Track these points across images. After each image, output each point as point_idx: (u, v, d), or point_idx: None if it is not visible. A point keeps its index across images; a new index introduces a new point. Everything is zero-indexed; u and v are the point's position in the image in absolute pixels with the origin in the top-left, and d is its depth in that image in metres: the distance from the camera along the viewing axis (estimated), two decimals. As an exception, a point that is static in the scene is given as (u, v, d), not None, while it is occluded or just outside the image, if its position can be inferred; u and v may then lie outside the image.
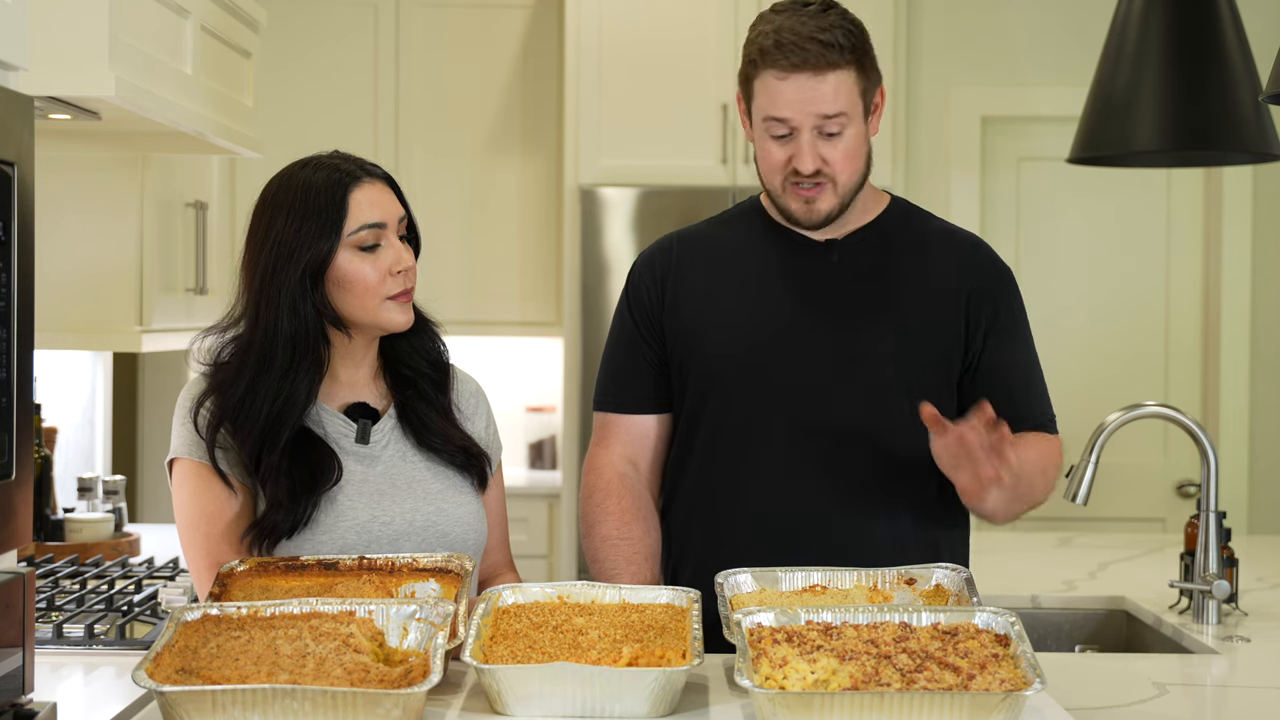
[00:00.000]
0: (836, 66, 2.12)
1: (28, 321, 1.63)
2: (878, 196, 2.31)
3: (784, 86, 2.13)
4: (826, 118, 2.13)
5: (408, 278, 2.09)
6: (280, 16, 4.83)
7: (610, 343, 2.36)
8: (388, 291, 2.07)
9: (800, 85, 2.12)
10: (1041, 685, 1.65)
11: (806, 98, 2.12)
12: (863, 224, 2.27)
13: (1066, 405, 4.76)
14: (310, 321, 2.05)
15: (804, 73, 2.11)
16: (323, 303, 2.05)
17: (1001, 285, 2.28)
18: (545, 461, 5.28)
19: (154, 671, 1.67)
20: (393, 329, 2.10)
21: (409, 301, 2.10)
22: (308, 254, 2.03)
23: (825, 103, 2.12)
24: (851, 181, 2.19)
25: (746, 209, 2.34)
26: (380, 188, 2.09)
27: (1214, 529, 2.62)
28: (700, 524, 2.27)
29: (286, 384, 2.05)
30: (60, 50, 2.31)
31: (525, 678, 1.72)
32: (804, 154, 2.14)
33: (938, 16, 5.04)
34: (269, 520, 2.02)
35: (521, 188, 5.14)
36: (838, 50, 2.11)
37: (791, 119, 2.13)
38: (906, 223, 2.30)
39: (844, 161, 2.16)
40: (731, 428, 2.23)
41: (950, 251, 2.28)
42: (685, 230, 2.37)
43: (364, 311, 2.07)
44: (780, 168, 2.18)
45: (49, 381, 3.46)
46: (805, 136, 2.14)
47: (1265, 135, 3.20)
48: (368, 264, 2.05)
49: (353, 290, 2.06)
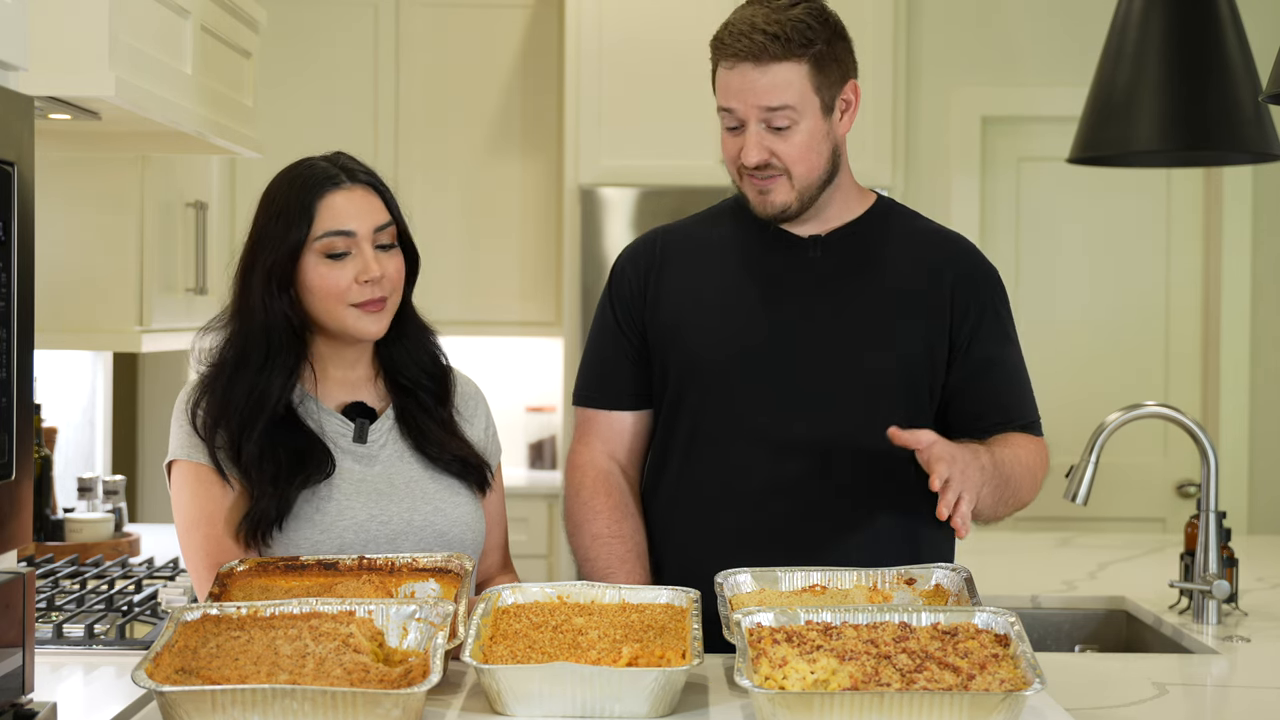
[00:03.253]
0: (779, 59, 2.11)
1: (28, 321, 1.63)
2: (863, 195, 2.30)
3: (729, 76, 2.16)
4: (770, 110, 2.13)
5: (377, 287, 2.06)
6: (280, 16, 4.82)
7: (591, 337, 2.35)
8: (353, 299, 2.06)
9: (742, 75, 2.14)
10: (1041, 685, 1.65)
11: (747, 88, 2.13)
12: (846, 221, 2.26)
13: (1066, 405, 4.82)
14: (281, 320, 2.06)
15: (745, 63, 2.13)
16: (291, 304, 2.06)
17: (987, 285, 2.27)
18: (545, 461, 5.28)
19: (154, 671, 1.67)
20: (362, 338, 2.10)
21: (379, 310, 2.08)
22: (276, 255, 2.04)
23: (765, 94, 2.12)
24: (810, 177, 2.18)
25: (732, 205, 2.34)
26: (361, 194, 2.07)
27: (1214, 529, 2.62)
28: (682, 519, 2.26)
29: (261, 379, 2.06)
30: (60, 50, 2.31)
31: (525, 678, 1.72)
32: (748, 146, 2.15)
33: (938, 16, 5.04)
34: (256, 510, 2.03)
35: (521, 188, 5.14)
36: (782, 43, 2.11)
37: (736, 109, 2.15)
38: (891, 221, 2.29)
39: (797, 155, 2.15)
40: (712, 423, 2.23)
41: (935, 250, 2.27)
42: (670, 226, 2.37)
43: (330, 317, 2.07)
44: (734, 159, 2.20)
45: (49, 381, 3.46)
46: (751, 128, 2.15)
47: (1265, 135, 3.20)
48: (334, 271, 2.05)
49: (317, 295, 2.06)
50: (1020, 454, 2.18)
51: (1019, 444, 2.20)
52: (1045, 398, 2.37)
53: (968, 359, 2.24)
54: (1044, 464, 2.25)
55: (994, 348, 2.25)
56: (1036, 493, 2.23)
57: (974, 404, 2.24)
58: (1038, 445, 2.25)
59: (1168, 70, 3.20)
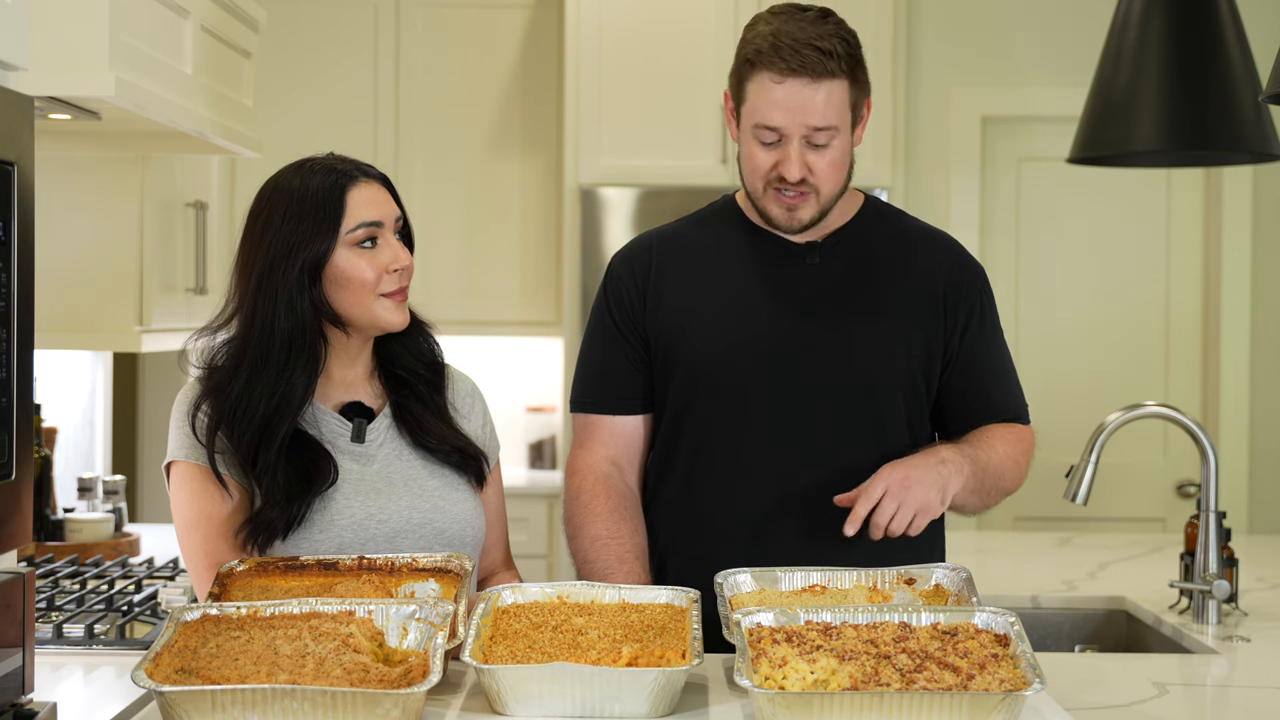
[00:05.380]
0: (833, 75, 2.11)
1: (28, 321, 1.63)
2: (852, 196, 2.32)
3: (779, 91, 2.12)
4: (817, 129, 2.12)
5: (404, 276, 2.10)
6: (280, 16, 4.83)
7: (588, 343, 2.35)
8: (383, 289, 2.08)
9: (795, 91, 2.11)
10: (1041, 685, 1.65)
11: (800, 105, 2.11)
12: (840, 225, 2.28)
13: (1067, 405, 4.82)
14: (307, 318, 2.05)
15: (801, 78, 2.10)
16: (320, 300, 2.06)
17: (977, 283, 2.31)
18: (545, 461, 5.28)
19: (153, 671, 1.67)
20: (388, 328, 2.10)
21: (404, 300, 2.11)
22: (306, 252, 2.04)
23: (817, 113, 2.11)
24: (834, 191, 2.20)
25: (721, 208, 2.34)
26: (376, 187, 2.10)
27: (1214, 529, 2.62)
28: (685, 522, 2.27)
29: (284, 380, 2.05)
30: (60, 50, 2.31)
31: (525, 678, 1.72)
32: (791, 162, 2.14)
33: (938, 16, 5.04)
34: (264, 517, 2.03)
35: (521, 188, 5.14)
36: (835, 59, 2.11)
37: (783, 126, 2.13)
38: (881, 222, 2.31)
39: (829, 172, 2.16)
40: (715, 427, 2.24)
41: (926, 250, 2.30)
42: (662, 229, 2.37)
43: (360, 309, 2.08)
44: (764, 172, 2.18)
45: (49, 381, 3.46)
46: (794, 145, 2.14)
47: (1265, 135, 3.20)
48: (365, 261, 2.06)
49: (349, 287, 2.06)
50: (999, 445, 2.23)
51: (999, 435, 2.26)
52: (1045, 397, 2.38)
53: (960, 356, 2.28)
54: (1028, 450, 2.32)
55: (983, 344, 2.29)
56: (1022, 479, 2.30)
57: (964, 399, 2.29)
58: (1020, 433, 2.30)
59: (1168, 70, 3.20)
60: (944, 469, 2.11)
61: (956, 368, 2.27)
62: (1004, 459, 2.23)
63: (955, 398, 2.28)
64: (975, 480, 2.16)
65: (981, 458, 2.19)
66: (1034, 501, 4.28)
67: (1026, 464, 2.30)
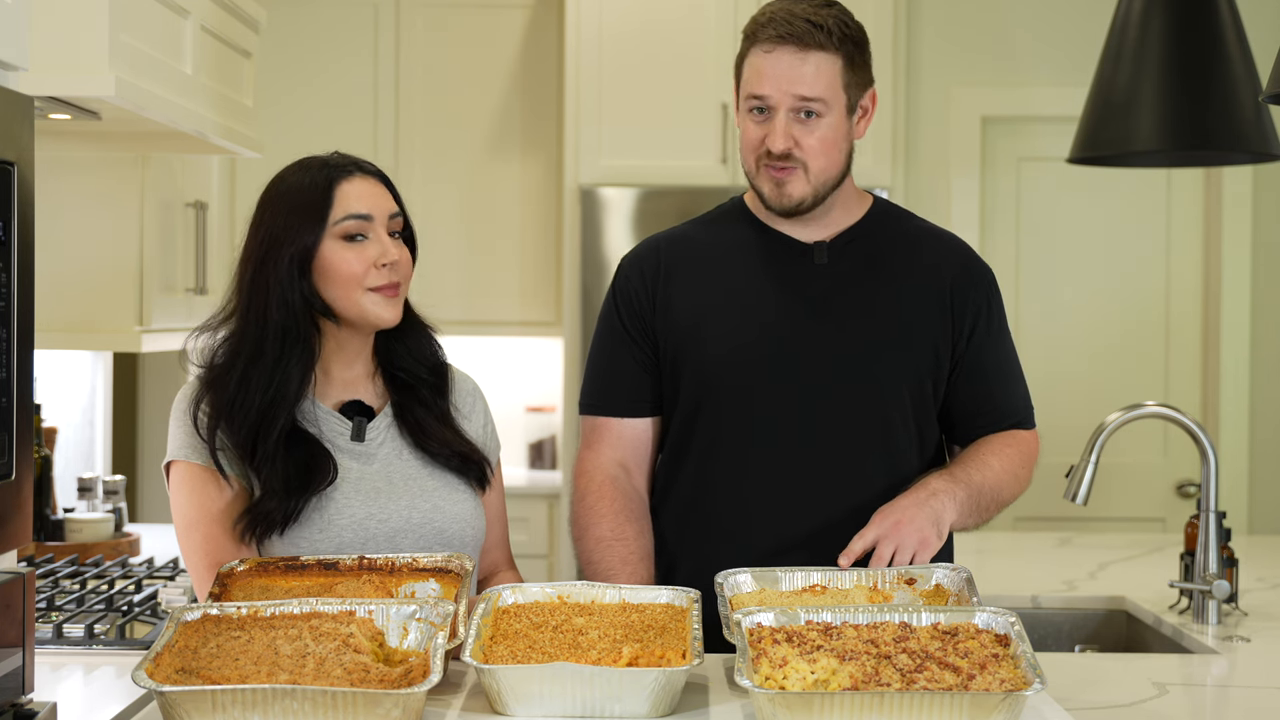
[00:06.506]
0: (822, 48, 2.14)
1: (28, 321, 1.63)
2: (861, 197, 2.32)
3: (766, 60, 2.15)
4: (804, 99, 2.14)
5: (394, 271, 2.08)
6: (280, 16, 4.83)
7: (596, 345, 2.35)
8: (371, 283, 2.07)
9: (783, 60, 2.14)
10: (1041, 685, 1.65)
11: (787, 74, 2.13)
12: (848, 225, 2.28)
13: (1066, 405, 4.82)
14: (299, 311, 2.06)
15: (789, 46, 2.13)
16: (311, 292, 2.06)
17: (984, 284, 2.31)
18: (545, 461, 5.28)
19: (154, 671, 1.67)
20: (378, 323, 2.10)
21: (395, 296, 2.10)
22: (295, 244, 2.05)
23: (804, 83, 2.13)
24: (826, 173, 2.19)
25: (730, 209, 2.34)
26: (371, 183, 2.10)
27: (1214, 529, 2.62)
28: (694, 524, 2.27)
29: (279, 373, 2.05)
30: (60, 50, 2.31)
31: (525, 678, 1.72)
32: (776, 132, 2.16)
33: (938, 16, 5.04)
34: (262, 508, 2.03)
35: (521, 188, 5.14)
36: (825, 33, 2.13)
37: (770, 95, 2.15)
38: (890, 223, 2.31)
39: (818, 148, 2.17)
40: (725, 429, 2.24)
41: (934, 252, 2.30)
42: (671, 231, 2.37)
43: (347, 302, 2.07)
44: (755, 147, 2.19)
45: (49, 381, 3.46)
46: (780, 115, 2.15)
47: (1265, 135, 3.20)
48: (352, 254, 2.06)
49: (336, 280, 2.06)
50: (994, 461, 2.25)
51: (996, 449, 2.27)
52: (1045, 397, 2.38)
53: (967, 359, 2.28)
54: (1030, 459, 2.32)
55: (990, 347, 2.29)
56: (1023, 489, 2.32)
57: (971, 403, 2.29)
58: (1021, 442, 2.31)
59: (1168, 70, 3.20)
60: (935, 501, 2.12)
61: (963, 368, 2.27)
62: (1000, 475, 2.24)
63: (962, 399, 2.28)
64: (971, 504, 2.19)
65: (975, 479, 2.20)
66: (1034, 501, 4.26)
67: (1028, 474, 2.31)
